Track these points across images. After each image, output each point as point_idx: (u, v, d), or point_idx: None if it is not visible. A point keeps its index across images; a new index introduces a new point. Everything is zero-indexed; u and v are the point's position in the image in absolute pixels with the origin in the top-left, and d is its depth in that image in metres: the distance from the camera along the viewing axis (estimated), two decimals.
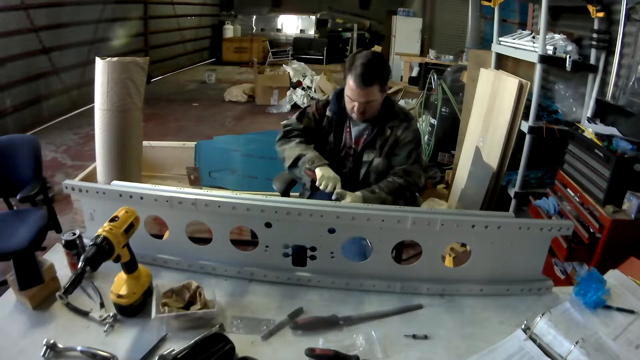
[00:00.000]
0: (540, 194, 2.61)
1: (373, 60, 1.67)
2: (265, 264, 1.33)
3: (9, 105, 5.08)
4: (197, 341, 1.04)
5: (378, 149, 1.78)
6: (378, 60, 1.69)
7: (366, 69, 1.64)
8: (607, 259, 1.88)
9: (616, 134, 2.13)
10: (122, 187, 1.32)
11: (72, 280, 0.98)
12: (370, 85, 1.65)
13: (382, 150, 1.78)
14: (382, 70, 1.69)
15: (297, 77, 7.35)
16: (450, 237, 1.34)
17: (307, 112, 1.90)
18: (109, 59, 2.53)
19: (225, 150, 3.29)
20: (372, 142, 1.79)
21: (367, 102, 1.69)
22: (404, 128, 1.77)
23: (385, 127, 1.78)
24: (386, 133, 1.78)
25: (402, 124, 1.78)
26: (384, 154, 1.78)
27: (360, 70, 1.63)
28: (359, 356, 1.04)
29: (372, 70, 1.65)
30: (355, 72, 1.64)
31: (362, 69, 1.64)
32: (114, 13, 7.32)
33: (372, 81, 1.65)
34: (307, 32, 12.73)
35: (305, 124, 1.87)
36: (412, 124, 1.80)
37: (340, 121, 1.83)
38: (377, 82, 1.67)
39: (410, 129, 1.78)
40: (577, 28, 2.98)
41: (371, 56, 1.68)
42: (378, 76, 1.67)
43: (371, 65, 1.65)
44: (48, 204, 2.25)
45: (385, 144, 1.78)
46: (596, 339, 1.08)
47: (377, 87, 1.68)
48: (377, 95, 1.70)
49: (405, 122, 1.79)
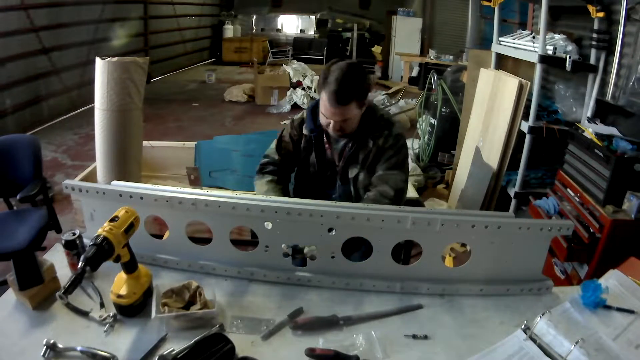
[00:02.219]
0: (540, 194, 2.61)
1: (348, 74, 1.49)
2: (265, 264, 1.33)
3: (9, 105, 5.07)
4: (197, 341, 1.04)
5: (361, 162, 1.66)
6: (354, 74, 1.51)
7: (341, 85, 1.47)
8: (607, 259, 1.89)
9: (616, 134, 2.13)
10: (122, 187, 1.33)
11: (72, 280, 0.98)
12: (347, 104, 1.50)
13: (365, 163, 1.66)
14: (359, 85, 1.53)
15: (297, 77, 7.35)
16: (450, 237, 1.34)
17: (283, 137, 1.77)
18: (109, 59, 2.53)
19: (225, 150, 3.28)
20: (355, 157, 1.67)
21: (344, 120, 1.55)
22: (385, 136, 1.63)
23: (367, 139, 1.64)
24: (368, 145, 1.64)
25: (384, 133, 1.64)
26: (366, 167, 1.66)
27: (334, 87, 1.47)
28: (359, 356, 1.04)
29: (347, 86, 1.48)
30: (329, 88, 1.48)
31: (336, 85, 1.47)
32: (114, 13, 7.31)
33: (348, 99, 1.50)
34: (307, 32, 12.72)
35: (284, 150, 1.75)
36: (393, 130, 1.65)
37: (318, 138, 1.69)
38: (354, 99, 1.51)
39: (391, 135, 1.64)
40: (577, 28, 2.98)
41: (346, 69, 1.50)
42: (354, 93, 1.51)
43: (346, 81, 1.48)
44: (48, 204, 2.25)
45: (367, 157, 1.65)
46: (596, 339, 1.08)
47: (354, 104, 1.53)
48: (355, 112, 1.55)
49: (385, 129, 1.64)
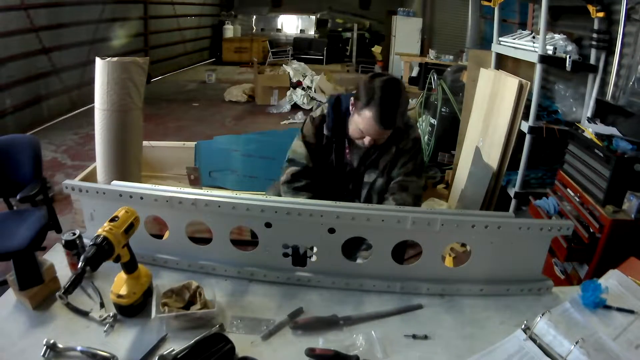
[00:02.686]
0: (540, 194, 2.61)
1: (397, 95, 1.47)
2: (265, 264, 1.33)
3: (9, 105, 5.07)
4: (197, 341, 1.04)
5: (381, 169, 1.65)
6: (402, 95, 1.49)
7: (392, 108, 1.45)
8: (607, 259, 1.88)
9: (616, 134, 2.13)
10: (122, 187, 1.32)
11: (72, 280, 0.98)
12: (393, 128, 1.50)
13: (384, 169, 1.65)
14: (405, 108, 1.53)
15: (297, 77, 7.35)
16: (450, 237, 1.34)
17: (307, 139, 1.72)
18: (109, 59, 2.53)
19: (225, 150, 3.29)
20: (375, 162, 1.66)
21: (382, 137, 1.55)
22: (404, 138, 1.64)
23: (391, 146, 1.63)
24: (391, 151, 1.63)
25: (403, 136, 1.63)
26: (386, 173, 1.65)
27: (384, 109, 1.44)
28: (359, 356, 1.04)
29: (396, 110, 1.46)
30: (377, 110, 1.44)
31: (387, 107, 1.44)
32: (114, 13, 7.31)
33: (395, 123, 1.48)
34: (307, 32, 12.72)
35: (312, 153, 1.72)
36: (411, 132, 1.65)
37: (340, 140, 1.69)
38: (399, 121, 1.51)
39: (409, 137, 1.64)
40: (577, 28, 2.98)
41: (396, 89, 1.48)
42: (401, 116, 1.51)
43: (395, 104, 1.46)
44: (48, 204, 2.25)
45: (388, 162, 1.64)
46: (596, 339, 1.08)
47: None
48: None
49: (405, 132, 1.64)
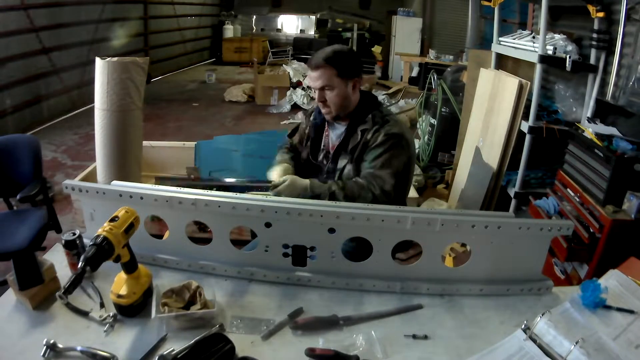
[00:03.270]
0: (540, 194, 2.61)
1: (332, 47, 1.65)
2: (265, 264, 1.33)
3: (9, 105, 5.08)
4: (197, 341, 1.04)
5: (349, 153, 1.67)
6: (338, 48, 1.65)
7: (320, 52, 1.63)
8: (607, 259, 1.89)
9: (616, 134, 2.13)
10: (122, 187, 1.32)
11: (72, 280, 0.98)
12: (321, 67, 1.60)
13: (352, 155, 1.66)
14: (339, 56, 1.62)
15: (297, 77, 7.35)
16: (450, 237, 1.34)
17: (299, 126, 1.94)
18: (109, 59, 2.53)
19: (225, 150, 3.29)
20: (344, 146, 1.69)
21: (324, 89, 1.62)
22: (374, 131, 1.62)
23: (357, 129, 1.66)
24: (357, 136, 1.66)
25: (374, 127, 1.63)
26: (354, 159, 1.66)
27: (314, 54, 1.65)
28: (359, 356, 1.04)
29: (326, 53, 1.62)
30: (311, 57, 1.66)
31: (316, 53, 1.65)
32: (114, 13, 7.32)
33: (323, 62, 1.60)
34: (307, 32, 12.69)
35: (298, 136, 1.91)
36: (386, 128, 1.61)
37: (320, 126, 1.80)
38: (331, 64, 1.59)
39: (381, 132, 1.61)
40: (577, 28, 2.98)
41: (333, 46, 1.67)
42: (332, 59, 1.60)
43: (326, 50, 1.63)
44: (48, 204, 2.25)
45: (355, 149, 1.65)
46: (596, 339, 1.08)
47: (332, 72, 1.59)
48: (334, 81, 1.60)
49: (377, 125, 1.63)
